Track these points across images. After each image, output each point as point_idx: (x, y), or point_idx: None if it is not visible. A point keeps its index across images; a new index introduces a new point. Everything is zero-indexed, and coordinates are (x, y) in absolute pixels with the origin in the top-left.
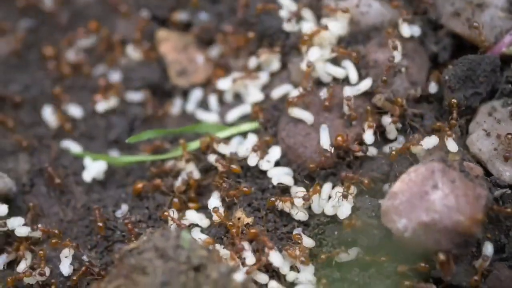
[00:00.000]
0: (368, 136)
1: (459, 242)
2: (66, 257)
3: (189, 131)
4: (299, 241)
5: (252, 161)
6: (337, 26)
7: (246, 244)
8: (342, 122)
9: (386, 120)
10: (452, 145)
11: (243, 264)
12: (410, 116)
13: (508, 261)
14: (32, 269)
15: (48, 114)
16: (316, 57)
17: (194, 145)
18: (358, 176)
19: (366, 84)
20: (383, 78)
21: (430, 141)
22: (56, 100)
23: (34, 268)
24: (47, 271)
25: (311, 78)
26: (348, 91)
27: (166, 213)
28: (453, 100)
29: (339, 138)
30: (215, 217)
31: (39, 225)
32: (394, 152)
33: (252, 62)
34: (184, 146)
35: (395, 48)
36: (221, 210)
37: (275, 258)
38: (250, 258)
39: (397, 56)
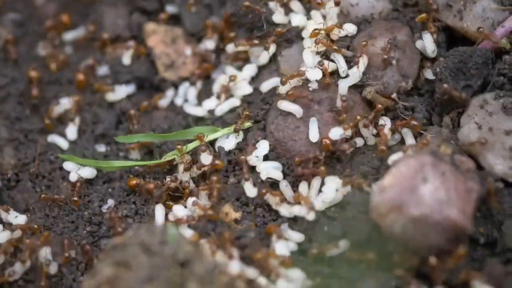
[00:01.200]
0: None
1: (450, 237)
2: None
3: (182, 137)
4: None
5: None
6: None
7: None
8: (331, 115)
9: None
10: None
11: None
12: (401, 109)
13: (501, 257)
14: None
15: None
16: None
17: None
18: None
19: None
20: None
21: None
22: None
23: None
24: (27, 262)
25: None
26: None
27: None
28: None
29: (326, 141)
30: (198, 211)
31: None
32: (383, 147)
33: (230, 48)
34: (183, 154)
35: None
36: (205, 203)
37: None
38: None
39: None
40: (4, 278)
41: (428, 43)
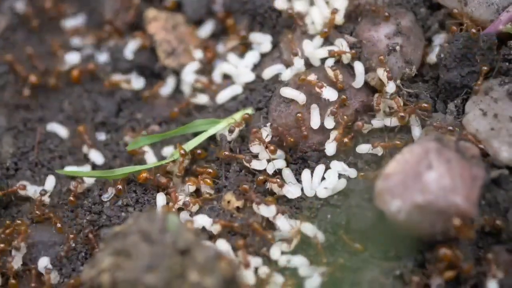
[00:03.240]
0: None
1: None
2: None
3: (184, 132)
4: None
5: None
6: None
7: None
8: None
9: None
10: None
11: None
12: (405, 96)
13: (506, 245)
14: None
15: None
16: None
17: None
18: None
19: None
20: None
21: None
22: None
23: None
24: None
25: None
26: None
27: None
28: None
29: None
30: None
31: None
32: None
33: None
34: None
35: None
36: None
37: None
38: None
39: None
40: (10, 266)
41: None
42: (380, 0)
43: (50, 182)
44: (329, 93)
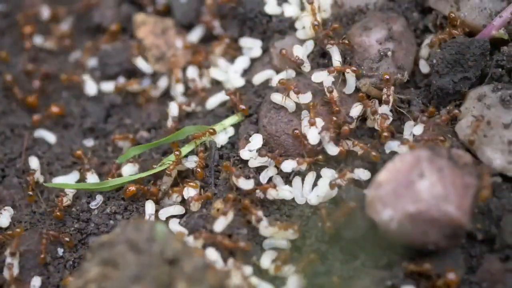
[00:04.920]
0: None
1: (448, 233)
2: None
3: (173, 139)
4: None
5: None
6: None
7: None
8: (325, 109)
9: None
10: None
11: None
12: (397, 102)
13: (499, 253)
14: None
15: None
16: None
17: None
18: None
19: None
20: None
21: None
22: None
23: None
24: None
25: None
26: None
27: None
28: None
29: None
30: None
31: None
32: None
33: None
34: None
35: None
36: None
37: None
38: None
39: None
40: (11, 273)
41: None
42: (372, 5)
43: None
44: (305, 99)
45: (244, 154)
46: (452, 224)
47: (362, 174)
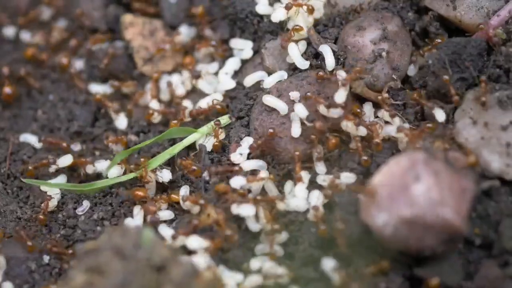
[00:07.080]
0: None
1: (444, 238)
2: None
3: (160, 141)
4: None
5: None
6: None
7: None
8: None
9: None
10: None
11: None
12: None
13: (498, 259)
14: None
15: None
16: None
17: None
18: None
19: None
20: None
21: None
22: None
23: None
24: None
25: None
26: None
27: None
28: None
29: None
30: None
31: None
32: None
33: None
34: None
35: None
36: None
37: None
38: None
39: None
40: None
41: None
42: (366, 4)
43: None
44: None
45: (235, 157)
46: (449, 229)
47: (346, 178)
